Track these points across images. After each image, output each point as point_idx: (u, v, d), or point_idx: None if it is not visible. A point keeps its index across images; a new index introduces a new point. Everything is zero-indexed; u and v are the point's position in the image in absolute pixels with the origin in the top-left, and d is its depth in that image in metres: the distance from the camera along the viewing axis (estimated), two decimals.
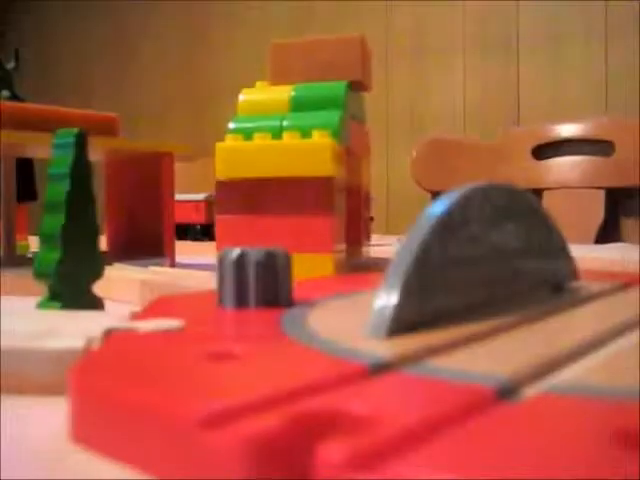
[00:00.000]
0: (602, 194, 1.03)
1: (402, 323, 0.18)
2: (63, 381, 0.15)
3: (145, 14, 2.39)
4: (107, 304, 0.32)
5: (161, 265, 0.52)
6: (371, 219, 0.61)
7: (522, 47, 1.77)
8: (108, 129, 0.60)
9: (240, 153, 0.42)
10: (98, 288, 0.31)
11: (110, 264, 0.44)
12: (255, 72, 1.25)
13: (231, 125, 0.44)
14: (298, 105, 0.45)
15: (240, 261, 0.23)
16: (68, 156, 0.30)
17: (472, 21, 1.83)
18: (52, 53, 2.56)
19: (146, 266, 0.45)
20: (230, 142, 0.42)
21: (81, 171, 0.30)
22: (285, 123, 0.43)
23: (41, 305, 0.30)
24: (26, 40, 2.43)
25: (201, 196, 1.26)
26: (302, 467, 0.11)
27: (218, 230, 0.43)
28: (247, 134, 0.42)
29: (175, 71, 2.34)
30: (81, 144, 0.31)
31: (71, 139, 0.30)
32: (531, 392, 0.13)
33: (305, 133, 0.41)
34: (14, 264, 0.48)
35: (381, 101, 1.90)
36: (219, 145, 0.42)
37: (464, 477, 0.09)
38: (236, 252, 0.24)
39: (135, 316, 0.22)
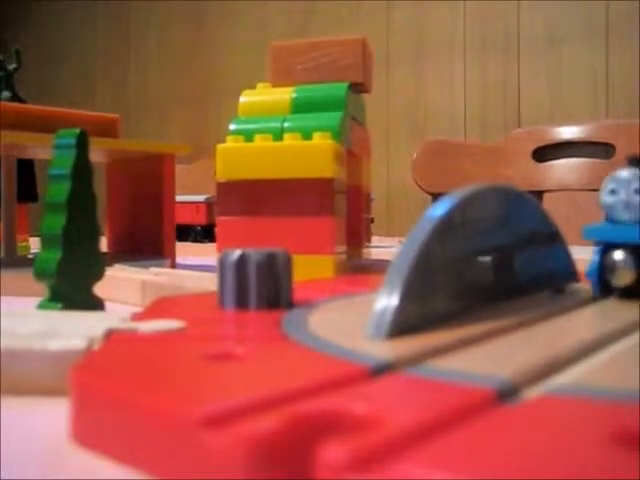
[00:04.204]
0: None
1: (403, 325, 0.18)
2: (64, 381, 0.15)
3: (146, 14, 2.39)
4: (108, 305, 0.32)
5: (162, 266, 0.52)
6: (371, 220, 0.61)
7: (523, 47, 1.77)
8: (109, 130, 0.60)
9: (241, 154, 0.42)
10: (99, 289, 0.31)
11: (111, 265, 0.44)
12: (256, 73, 1.25)
13: (232, 126, 0.44)
14: (299, 106, 0.45)
15: (241, 262, 0.23)
16: (69, 157, 0.30)
17: (472, 21, 1.83)
18: (53, 54, 2.56)
19: (147, 267, 0.45)
20: (231, 143, 0.42)
21: (82, 172, 0.30)
22: (286, 124, 0.43)
23: (42, 306, 0.30)
24: (27, 40, 2.43)
25: (202, 197, 1.26)
26: (303, 467, 0.11)
27: (219, 231, 0.43)
28: (248, 135, 0.42)
29: (176, 72, 2.34)
30: (82, 145, 0.31)
31: (72, 140, 0.30)
32: (531, 393, 0.13)
33: (306, 134, 0.41)
34: (14, 265, 0.48)
35: (381, 102, 1.90)
36: (220, 146, 0.42)
37: (464, 477, 0.09)
38: (237, 253, 0.24)
39: (136, 317, 0.22)
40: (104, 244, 0.55)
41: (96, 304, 0.31)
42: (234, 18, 2.21)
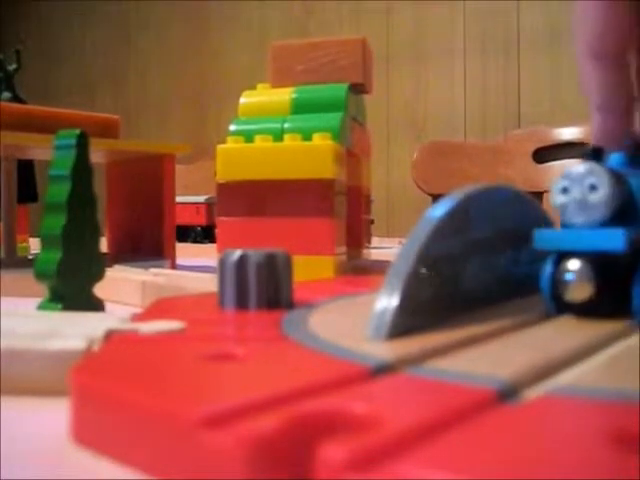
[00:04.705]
0: None
1: (402, 325, 0.18)
2: (64, 382, 0.15)
3: (146, 14, 2.40)
4: (108, 306, 0.32)
5: (162, 267, 0.52)
6: (372, 221, 0.61)
7: (523, 47, 1.77)
8: (109, 131, 0.60)
9: (241, 155, 0.42)
10: (99, 289, 0.31)
11: (111, 266, 0.44)
12: (256, 73, 1.25)
13: (232, 127, 0.44)
14: (299, 107, 0.45)
15: (241, 263, 0.23)
16: (69, 157, 0.30)
17: (472, 22, 1.83)
18: (53, 54, 2.56)
19: (147, 268, 0.45)
20: (231, 144, 0.42)
21: (82, 172, 0.30)
22: (286, 125, 0.43)
23: (42, 306, 0.30)
24: (27, 41, 2.43)
25: (202, 198, 1.26)
26: (303, 468, 0.11)
27: (219, 232, 0.43)
28: (248, 136, 0.42)
29: (176, 72, 2.34)
30: (82, 145, 0.31)
31: (72, 140, 0.30)
32: (532, 394, 0.14)
33: (306, 135, 0.41)
34: (15, 265, 0.48)
35: (381, 103, 1.90)
36: (220, 147, 0.42)
37: (465, 477, 0.09)
38: (237, 254, 0.24)
39: (136, 317, 0.22)
40: (104, 245, 0.55)
41: (96, 305, 0.31)
42: (234, 18, 2.21)
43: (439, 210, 0.21)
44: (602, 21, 0.24)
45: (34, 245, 0.78)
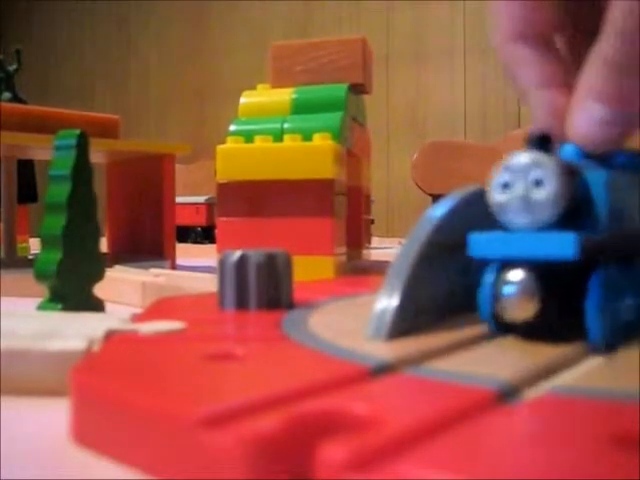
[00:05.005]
0: None
1: (402, 325, 0.18)
2: (64, 382, 0.15)
3: (146, 14, 2.40)
4: (108, 306, 0.32)
5: (162, 267, 0.52)
6: (371, 222, 0.61)
7: None
8: (109, 131, 0.60)
9: (241, 155, 0.42)
10: (99, 290, 0.31)
11: (111, 266, 0.44)
12: (256, 73, 1.25)
13: (232, 127, 0.44)
14: (299, 107, 0.45)
15: (241, 263, 0.23)
16: (69, 157, 0.30)
17: (472, 21, 1.83)
18: (53, 54, 2.56)
19: (147, 268, 0.45)
20: (231, 144, 0.42)
21: (82, 172, 0.30)
22: (286, 125, 0.43)
23: (42, 306, 0.30)
24: (27, 41, 2.43)
25: (202, 198, 1.27)
26: (303, 467, 0.11)
27: (219, 232, 0.43)
28: (248, 136, 0.42)
29: (176, 72, 2.34)
30: (82, 145, 0.31)
31: (72, 140, 0.31)
32: (532, 394, 0.14)
33: (306, 135, 0.41)
34: (15, 266, 0.48)
35: (382, 103, 1.90)
36: (220, 147, 0.42)
37: (464, 477, 0.09)
38: (237, 254, 0.24)
39: (136, 318, 0.22)
40: (104, 245, 0.55)
41: (96, 305, 0.31)
42: (234, 18, 2.21)
43: (439, 210, 0.21)
44: (524, 10, 0.23)
45: (34, 245, 0.78)
